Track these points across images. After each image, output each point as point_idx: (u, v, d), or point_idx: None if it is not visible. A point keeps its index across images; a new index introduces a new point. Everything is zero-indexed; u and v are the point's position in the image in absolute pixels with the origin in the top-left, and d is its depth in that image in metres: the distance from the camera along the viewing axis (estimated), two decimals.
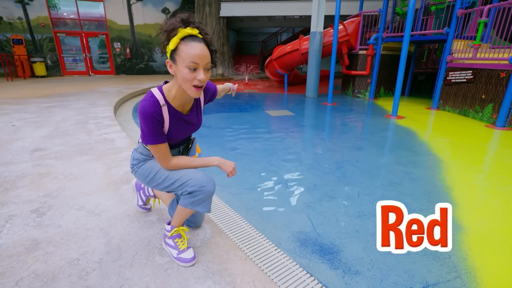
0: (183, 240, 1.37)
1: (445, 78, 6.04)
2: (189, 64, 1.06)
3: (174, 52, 1.07)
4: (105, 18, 13.07)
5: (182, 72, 1.08)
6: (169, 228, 1.38)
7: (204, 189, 1.20)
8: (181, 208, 1.31)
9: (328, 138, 4.14)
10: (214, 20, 12.90)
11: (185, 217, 1.36)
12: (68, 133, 3.53)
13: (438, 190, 2.47)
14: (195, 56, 1.05)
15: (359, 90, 8.07)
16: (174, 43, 1.05)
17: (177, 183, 1.23)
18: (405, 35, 5.12)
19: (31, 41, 12.05)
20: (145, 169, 1.31)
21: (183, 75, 1.08)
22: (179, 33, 1.04)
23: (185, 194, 1.23)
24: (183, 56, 1.05)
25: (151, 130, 1.15)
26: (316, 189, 2.46)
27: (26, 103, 5.54)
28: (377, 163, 3.12)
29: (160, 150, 1.21)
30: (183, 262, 1.31)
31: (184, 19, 1.05)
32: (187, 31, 1.05)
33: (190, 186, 1.20)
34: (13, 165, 2.49)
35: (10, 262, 1.30)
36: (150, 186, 1.34)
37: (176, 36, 1.04)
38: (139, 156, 1.34)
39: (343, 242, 1.74)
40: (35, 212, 1.73)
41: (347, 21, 8.06)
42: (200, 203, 1.24)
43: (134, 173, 1.36)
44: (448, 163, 3.11)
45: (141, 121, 1.16)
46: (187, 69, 1.07)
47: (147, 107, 1.12)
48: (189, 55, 1.05)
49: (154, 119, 1.14)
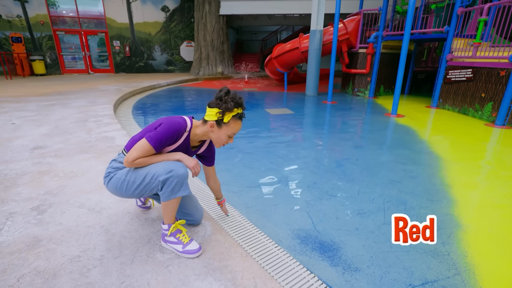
0: (184, 234, 1.40)
1: (445, 76, 6.04)
2: (231, 134, 1.37)
3: (224, 123, 1.33)
4: (105, 16, 13.03)
5: (221, 136, 1.37)
6: (166, 227, 1.39)
7: (174, 173, 1.26)
8: (165, 203, 1.34)
9: (328, 137, 4.14)
10: (213, 18, 12.86)
11: (174, 210, 1.38)
12: (68, 131, 3.53)
13: (438, 188, 2.48)
14: (238, 130, 1.38)
15: (359, 89, 8.07)
16: (229, 118, 1.32)
17: (148, 177, 1.29)
18: (405, 33, 5.12)
19: (30, 39, 12.02)
20: (119, 174, 1.37)
21: (221, 138, 1.38)
22: (233, 113, 1.31)
23: (161, 187, 1.29)
24: (230, 129, 1.35)
25: (164, 138, 1.29)
26: (316, 187, 2.46)
27: (26, 101, 5.53)
28: (377, 161, 3.13)
29: (147, 150, 1.29)
30: (191, 254, 1.35)
31: (239, 103, 1.31)
32: (238, 111, 1.32)
33: (160, 176, 1.27)
34: (13, 163, 2.49)
35: (11, 259, 1.30)
36: (122, 193, 1.37)
37: (231, 113, 1.31)
38: (118, 165, 1.41)
39: (343, 239, 1.75)
40: (35, 210, 1.73)
41: (347, 20, 8.05)
42: (179, 189, 1.30)
43: (107, 181, 1.40)
44: (447, 162, 3.12)
45: (165, 126, 1.31)
46: (227, 136, 1.37)
47: (180, 124, 1.34)
48: (235, 130, 1.36)
49: (174, 134, 1.32)
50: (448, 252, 1.65)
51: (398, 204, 2.19)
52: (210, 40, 13.12)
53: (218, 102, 1.30)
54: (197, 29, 13.24)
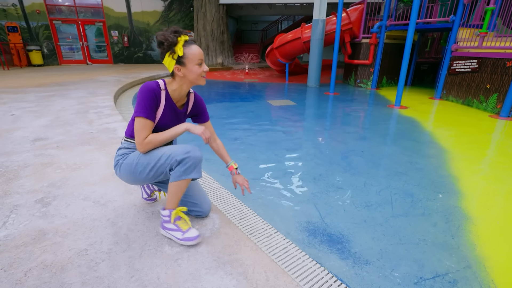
0: (184, 221, 1.39)
1: (449, 67, 5.96)
2: (198, 61, 1.32)
3: (182, 57, 1.28)
4: (102, 5, 12.76)
5: (193, 69, 1.32)
6: (167, 213, 1.37)
7: (191, 155, 1.27)
8: (175, 183, 1.30)
9: (332, 128, 4.10)
10: (213, 7, 12.62)
11: (180, 194, 1.35)
12: (68, 122, 3.48)
13: (444, 180, 2.46)
14: (200, 54, 1.32)
15: (361, 80, 7.98)
16: (181, 50, 1.26)
17: (163, 157, 1.28)
18: (410, 23, 5.01)
19: (26, 28, 11.79)
20: (130, 158, 1.36)
21: (194, 71, 1.32)
22: (181, 41, 1.26)
23: (175, 166, 1.28)
24: (192, 57, 1.29)
25: (146, 103, 1.28)
26: (322, 179, 2.44)
27: (24, 92, 5.45)
28: (382, 153, 3.10)
29: (145, 125, 1.29)
30: (190, 241, 1.34)
31: (177, 30, 1.27)
32: (184, 38, 1.27)
33: (177, 155, 1.27)
34: (15, 154, 2.45)
35: (17, 253, 1.28)
36: (136, 177, 1.35)
37: (179, 44, 1.26)
38: (123, 151, 1.41)
39: (352, 232, 1.73)
40: (39, 202, 1.70)
41: (350, 9, 7.90)
42: (192, 170, 1.29)
43: (119, 168, 1.39)
44: (453, 153, 3.09)
45: (140, 94, 1.28)
46: (197, 65, 1.32)
47: (149, 84, 1.30)
48: (195, 55, 1.30)
49: (152, 94, 1.29)
50: (458, 245, 1.64)
51: (405, 196, 2.17)
52: (210, 30, 12.91)
53: (162, 48, 1.28)
54: (196, 18, 13.01)
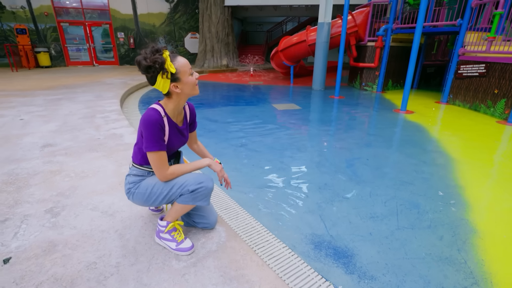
0: (179, 233, 1.45)
1: (456, 71, 5.90)
2: (189, 71, 1.30)
3: (175, 73, 1.25)
4: (108, 7, 12.89)
5: (188, 81, 1.29)
6: (164, 223, 1.44)
7: (204, 185, 1.32)
8: (181, 205, 1.38)
9: (337, 134, 4.09)
10: (219, 9, 12.66)
11: (183, 213, 1.44)
12: (76, 127, 3.53)
13: (451, 190, 2.44)
14: (187, 63, 1.30)
15: (366, 83, 7.94)
16: (172, 66, 1.23)
17: (175, 187, 1.33)
18: (417, 26, 4.98)
19: (34, 30, 11.96)
20: (142, 187, 1.38)
21: (190, 82, 1.30)
22: (167, 58, 1.22)
23: (186, 194, 1.32)
24: (183, 70, 1.27)
25: (155, 136, 1.26)
26: (327, 188, 2.44)
27: (33, 95, 5.53)
28: (388, 161, 3.09)
29: (160, 157, 1.30)
30: (183, 252, 1.39)
31: (157, 49, 1.22)
32: (167, 53, 1.24)
33: (190, 185, 1.31)
34: (25, 161, 2.49)
35: (28, 265, 1.31)
36: (149, 204, 1.40)
37: (167, 61, 1.21)
38: (134, 179, 1.41)
39: (357, 245, 1.73)
40: (49, 212, 1.74)
41: (356, 12, 7.86)
42: (201, 198, 1.35)
43: (131, 196, 1.41)
44: (460, 161, 3.06)
45: (145, 128, 1.26)
46: (189, 76, 1.30)
47: (152, 116, 1.26)
48: (185, 66, 1.28)
49: (158, 125, 1.27)
50: (464, 259, 1.63)
51: (411, 207, 2.16)
52: (215, 32, 12.95)
53: (151, 71, 1.21)
54: (201, 20, 13.06)
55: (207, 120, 4.57)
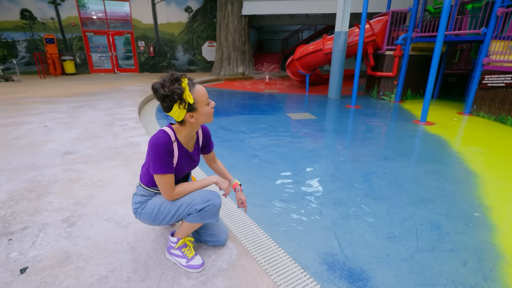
0: (189, 249, 1.44)
1: (480, 81, 5.66)
2: (207, 101, 1.27)
3: (193, 104, 1.21)
4: (131, 17, 13.41)
5: (205, 111, 1.26)
6: (175, 240, 1.43)
7: (211, 203, 1.31)
8: (189, 224, 1.38)
9: (353, 146, 4.00)
10: (236, 18, 12.87)
11: (192, 230, 1.44)
12: (96, 135, 3.64)
13: (475, 210, 2.31)
14: (205, 92, 1.26)
15: (384, 92, 7.77)
16: (191, 96, 1.19)
17: (183, 206, 1.32)
18: (438, 35, 4.83)
19: (62, 40, 12.61)
20: (149, 207, 1.37)
21: (207, 112, 1.28)
22: (186, 88, 1.18)
23: (194, 213, 1.31)
24: (201, 100, 1.24)
25: (162, 159, 1.24)
26: (342, 204, 2.37)
27: (57, 102, 5.79)
28: (406, 176, 2.97)
29: (167, 180, 1.28)
30: (194, 269, 1.38)
31: (176, 77, 1.17)
32: (186, 82, 1.19)
33: (197, 204, 1.30)
34: (46, 168, 2.59)
35: (43, 276, 1.34)
36: (157, 223, 1.39)
37: (186, 91, 1.18)
38: (141, 199, 1.40)
39: (373, 267, 1.66)
40: (66, 222, 1.78)
41: (374, 20, 7.76)
42: (210, 216, 1.35)
43: (138, 216, 1.41)
44: (485, 178, 2.90)
45: (153, 151, 1.23)
46: (207, 105, 1.27)
47: (160, 139, 1.24)
48: (203, 96, 1.25)
49: (166, 149, 1.25)
50: None
51: (431, 228, 2.06)
52: (231, 41, 13.16)
53: (168, 100, 1.17)
54: (219, 29, 13.32)
55: (222, 130, 4.60)
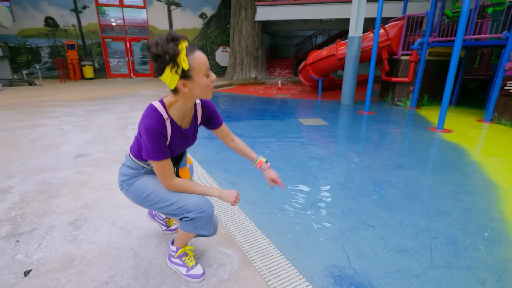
0: (190, 257, 1.41)
1: (502, 88, 5.41)
2: (206, 71, 1.10)
3: (188, 70, 1.05)
4: (147, 24, 13.80)
5: (200, 82, 1.10)
6: (174, 248, 1.41)
7: (205, 214, 1.23)
8: (184, 233, 1.33)
9: (365, 153, 3.88)
10: (249, 24, 12.98)
11: (189, 240, 1.40)
12: (108, 138, 3.72)
13: (496, 224, 2.17)
14: (206, 61, 1.09)
15: (399, 98, 7.57)
16: (186, 61, 1.03)
17: (175, 205, 1.22)
18: (456, 40, 4.67)
19: (82, 46, 13.12)
20: (136, 188, 1.28)
21: (203, 84, 1.11)
22: (182, 51, 1.02)
23: (187, 220, 1.24)
24: (198, 68, 1.07)
25: (156, 145, 1.13)
26: (352, 213, 2.29)
27: (74, 106, 5.98)
28: (421, 186, 2.84)
29: (164, 167, 1.19)
30: (194, 279, 1.36)
31: (174, 37, 1.01)
32: (185, 45, 1.03)
33: (189, 212, 1.21)
34: (58, 171, 2.65)
35: (45, 280, 1.34)
36: (142, 205, 1.31)
37: (182, 54, 1.02)
38: (128, 171, 1.31)
39: (383, 283, 1.57)
40: (72, 225, 1.80)
41: (389, 25, 7.61)
42: (203, 227, 1.27)
43: (124, 191, 1.32)
44: (506, 190, 2.73)
45: (147, 137, 1.12)
46: (205, 77, 1.10)
47: (153, 124, 1.11)
48: (202, 65, 1.08)
49: (160, 134, 1.13)
50: None
51: (447, 242, 1.94)
52: (245, 46, 13.26)
53: (160, 61, 1.01)
54: (232, 35, 13.47)
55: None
